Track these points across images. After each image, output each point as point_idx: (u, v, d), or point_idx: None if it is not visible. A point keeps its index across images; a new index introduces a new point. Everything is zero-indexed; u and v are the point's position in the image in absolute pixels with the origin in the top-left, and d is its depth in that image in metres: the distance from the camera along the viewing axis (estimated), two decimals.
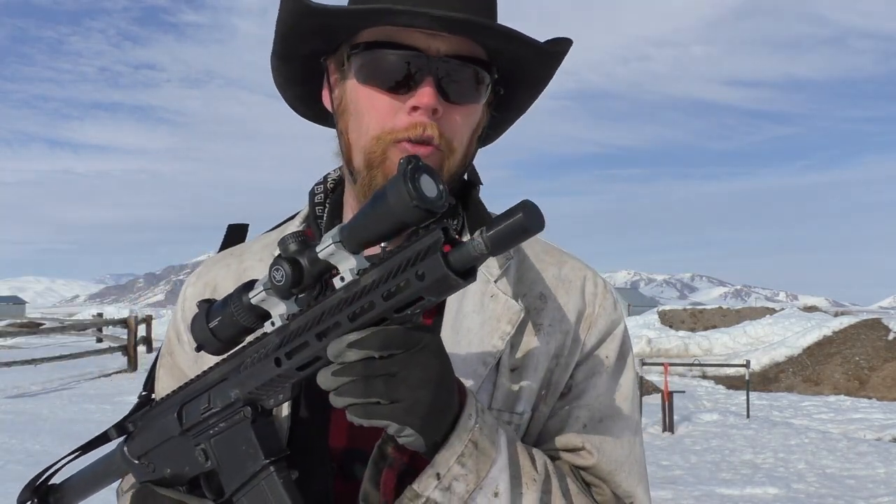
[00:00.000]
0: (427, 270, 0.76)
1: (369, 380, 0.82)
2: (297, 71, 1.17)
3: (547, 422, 1.10)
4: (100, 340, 22.37)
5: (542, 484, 0.98)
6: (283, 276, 0.86)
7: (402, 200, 0.76)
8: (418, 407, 0.83)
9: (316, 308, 0.86)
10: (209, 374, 0.99)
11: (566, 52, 1.10)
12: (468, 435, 0.90)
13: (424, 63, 1.03)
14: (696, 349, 20.99)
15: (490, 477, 0.91)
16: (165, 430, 1.02)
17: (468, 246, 0.75)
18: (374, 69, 1.05)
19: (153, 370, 1.26)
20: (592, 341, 1.12)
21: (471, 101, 1.07)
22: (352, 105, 1.08)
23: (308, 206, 1.22)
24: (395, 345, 0.82)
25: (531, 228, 0.74)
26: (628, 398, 1.13)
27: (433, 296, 0.78)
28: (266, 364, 0.89)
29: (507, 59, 1.09)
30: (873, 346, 17.37)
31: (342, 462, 1.04)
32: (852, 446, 9.30)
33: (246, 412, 0.93)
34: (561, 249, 1.19)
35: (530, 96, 1.18)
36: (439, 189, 0.79)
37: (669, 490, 7.11)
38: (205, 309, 0.96)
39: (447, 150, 1.06)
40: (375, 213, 0.80)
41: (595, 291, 1.14)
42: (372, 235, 0.81)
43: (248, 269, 1.18)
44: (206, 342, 0.96)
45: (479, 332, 1.06)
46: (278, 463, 0.94)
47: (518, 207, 0.74)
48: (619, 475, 1.09)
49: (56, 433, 9.46)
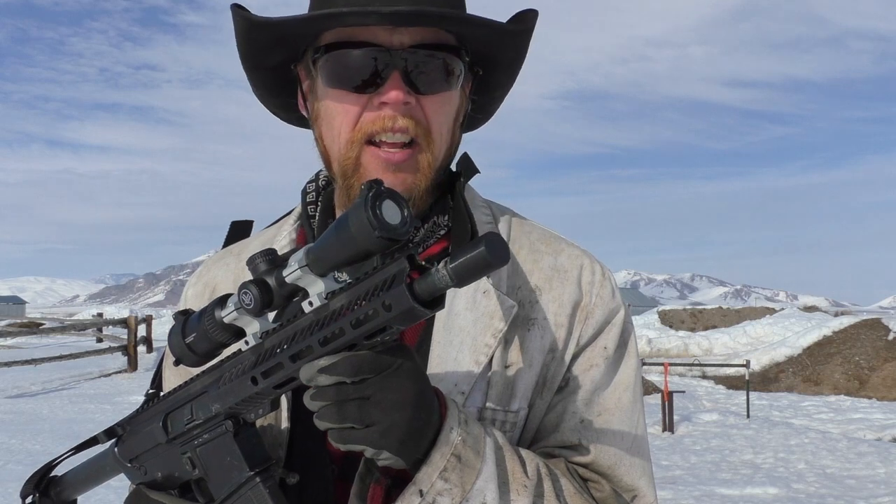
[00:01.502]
0: (393, 301, 0.75)
1: (342, 405, 0.82)
2: (271, 81, 1.15)
3: (544, 417, 1.08)
4: (100, 340, 22.36)
5: (534, 488, 0.96)
6: (251, 299, 0.85)
7: (364, 229, 0.76)
8: (394, 430, 0.83)
9: (288, 328, 0.86)
10: (191, 385, 0.99)
11: (533, 27, 1.08)
12: (450, 449, 0.89)
13: (388, 57, 1.01)
14: (696, 349, 20.97)
15: (476, 489, 0.90)
16: (152, 436, 1.03)
17: (433, 277, 0.75)
18: (338, 71, 1.03)
19: (160, 368, 1.26)
20: (589, 332, 1.10)
21: (442, 89, 1.05)
22: (323, 110, 1.07)
23: (301, 204, 1.21)
24: (366, 369, 0.81)
25: (493, 263, 0.73)
26: (629, 387, 1.10)
27: (401, 324, 0.78)
28: (243, 381, 0.90)
29: (477, 41, 1.07)
30: (873, 346, 17.36)
31: (343, 465, 1.03)
32: (852, 446, 9.29)
33: (227, 426, 0.94)
34: (559, 237, 1.17)
35: (508, 75, 1.16)
36: (403, 215, 0.78)
37: (669, 490, 7.11)
38: (181, 322, 0.96)
39: (425, 141, 1.04)
40: (339, 241, 0.79)
41: (592, 280, 1.12)
42: (337, 261, 0.81)
43: (246, 269, 1.18)
44: (183, 356, 0.96)
45: (472, 330, 1.05)
46: (264, 473, 0.94)
47: (481, 240, 0.73)
48: (620, 469, 1.07)
49: (56, 433, 9.45)
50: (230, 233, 1.29)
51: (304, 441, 1.05)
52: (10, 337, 21.58)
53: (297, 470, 0.97)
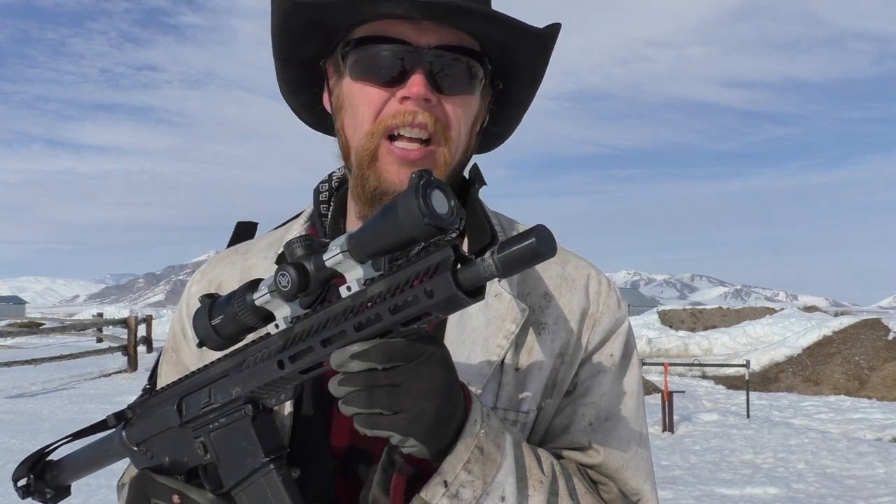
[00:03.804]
0: (436, 288, 0.76)
1: (372, 390, 0.82)
2: (300, 76, 1.18)
3: (552, 420, 1.10)
4: (100, 340, 22.36)
5: (550, 485, 0.98)
6: (289, 281, 0.85)
7: (413, 216, 0.76)
8: (422, 417, 0.84)
9: (321, 313, 0.86)
10: (210, 369, 0.99)
11: (557, 35, 1.10)
12: (474, 441, 0.90)
13: (414, 55, 1.04)
14: (696, 349, 20.99)
15: (496, 482, 0.92)
16: (164, 420, 1.03)
17: (479, 266, 0.75)
18: (366, 64, 1.06)
19: (157, 366, 1.27)
20: (597, 339, 1.12)
21: (464, 91, 1.08)
22: (347, 101, 1.09)
23: (313, 204, 1.22)
24: (398, 357, 0.82)
25: (543, 253, 0.73)
26: (634, 395, 1.13)
27: (441, 312, 0.78)
28: (269, 365, 0.90)
29: (500, 48, 1.09)
30: (873, 346, 17.36)
31: (344, 460, 1.04)
32: (852, 446, 9.29)
33: (247, 410, 0.94)
34: (565, 249, 1.19)
35: (528, 87, 1.18)
36: (451, 205, 0.78)
37: (669, 490, 7.12)
38: (207, 305, 0.96)
39: (443, 138, 1.06)
40: (385, 227, 0.79)
41: (599, 290, 1.15)
42: (380, 247, 0.81)
43: (252, 267, 1.19)
44: (208, 338, 0.96)
45: (484, 331, 1.07)
46: (278, 461, 0.94)
47: (531, 232, 0.74)
48: (626, 472, 1.09)
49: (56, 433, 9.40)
50: (235, 233, 1.30)
51: (306, 435, 1.06)
52: (10, 337, 21.59)
53: (298, 464, 0.97)
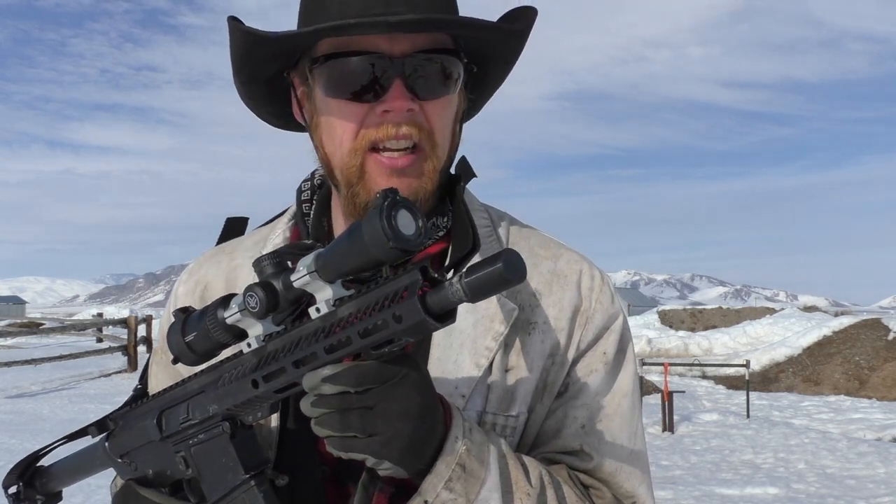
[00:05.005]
0: (404, 313, 0.74)
1: (345, 413, 0.81)
2: (263, 91, 1.14)
3: (544, 422, 1.08)
4: (100, 340, 22.36)
5: (538, 497, 0.96)
6: (257, 302, 0.84)
7: (378, 239, 0.74)
8: (396, 440, 0.83)
9: (293, 333, 0.85)
10: (188, 384, 0.98)
11: (531, 27, 1.07)
12: (455, 459, 0.88)
13: (389, 65, 1.00)
14: (696, 349, 20.96)
15: (480, 498, 0.90)
16: (146, 433, 1.02)
17: (446, 290, 0.73)
18: (338, 80, 1.01)
19: (147, 367, 1.26)
20: (589, 338, 1.09)
21: (443, 93, 1.04)
22: (323, 119, 1.06)
23: (296, 203, 1.20)
24: (371, 379, 0.81)
25: (511, 279, 0.71)
26: (628, 394, 1.10)
27: (410, 336, 0.77)
28: (243, 384, 0.89)
29: (476, 42, 1.06)
30: (873, 346, 17.35)
31: (334, 467, 1.02)
32: (852, 446, 9.28)
33: (225, 427, 0.93)
34: (559, 242, 1.17)
35: (503, 71, 1.15)
36: (418, 226, 0.77)
37: (669, 490, 7.11)
38: (181, 320, 0.95)
39: (430, 145, 1.03)
40: (351, 248, 0.78)
41: (591, 285, 1.11)
42: (347, 269, 0.80)
43: (237, 268, 1.17)
44: (182, 354, 0.95)
45: (472, 332, 1.04)
46: (259, 476, 0.93)
47: (499, 256, 0.72)
48: (620, 476, 1.07)
49: (56, 433, 9.39)
50: (225, 229, 1.28)
51: (295, 442, 1.05)
52: (10, 337, 21.57)
53: (287, 471, 0.96)
